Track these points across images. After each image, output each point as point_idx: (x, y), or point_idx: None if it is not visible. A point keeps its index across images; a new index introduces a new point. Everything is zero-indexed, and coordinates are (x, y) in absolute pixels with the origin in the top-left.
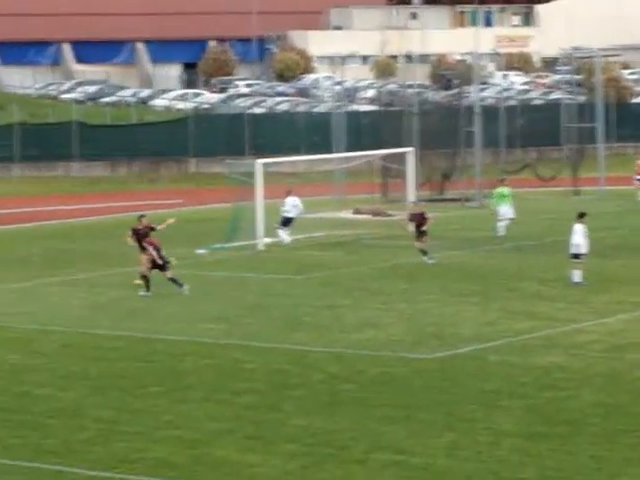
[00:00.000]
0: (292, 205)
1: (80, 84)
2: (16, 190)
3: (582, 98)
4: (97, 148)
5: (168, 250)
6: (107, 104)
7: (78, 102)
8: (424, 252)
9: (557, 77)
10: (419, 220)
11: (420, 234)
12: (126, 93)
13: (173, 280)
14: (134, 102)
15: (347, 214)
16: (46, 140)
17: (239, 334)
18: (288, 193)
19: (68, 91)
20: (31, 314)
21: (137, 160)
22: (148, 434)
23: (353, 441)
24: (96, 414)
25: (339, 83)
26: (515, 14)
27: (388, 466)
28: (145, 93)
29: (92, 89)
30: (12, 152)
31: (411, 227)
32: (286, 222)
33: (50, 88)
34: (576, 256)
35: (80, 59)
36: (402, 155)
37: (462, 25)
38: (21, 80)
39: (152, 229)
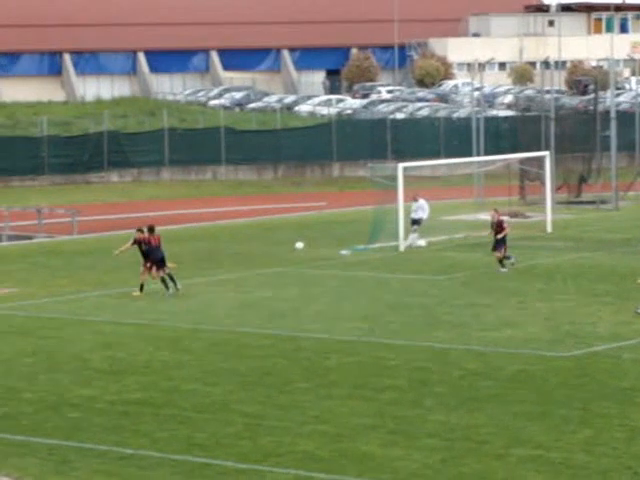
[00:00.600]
0: (419, 207)
1: (227, 90)
2: (165, 193)
3: None
4: (243, 152)
5: (313, 251)
6: (253, 110)
7: (225, 108)
8: (500, 261)
9: None
10: (497, 228)
11: (497, 242)
12: (271, 99)
13: (163, 280)
14: (279, 108)
15: (486, 216)
16: (195, 145)
17: (382, 332)
18: (415, 197)
19: (216, 97)
20: (180, 313)
21: (282, 164)
22: (294, 429)
23: (492, 436)
24: (243, 409)
25: (478, 89)
26: None
27: (527, 461)
28: (290, 99)
29: (239, 95)
30: (162, 156)
31: (491, 235)
32: (413, 223)
33: (199, 95)
34: None
35: (227, 66)
36: (540, 159)
37: (598, 32)
38: (171, 87)
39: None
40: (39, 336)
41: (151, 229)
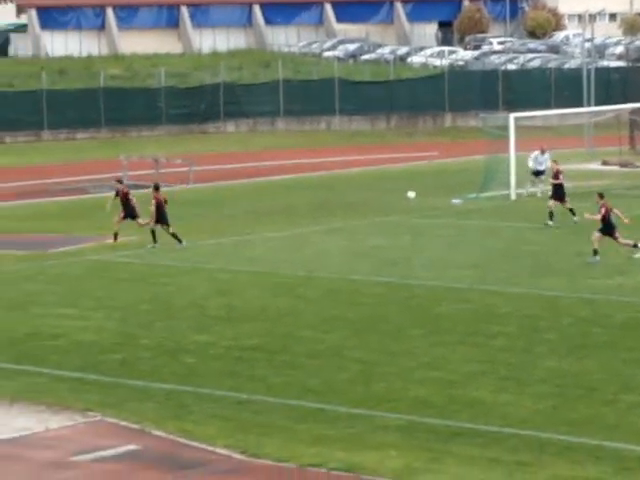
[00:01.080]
0: (544, 160)
1: (341, 42)
2: (281, 143)
3: None
4: (357, 103)
5: (425, 200)
6: (366, 61)
7: (339, 59)
8: (571, 211)
9: None
10: (554, 178)
11: (556, 191)
12: (384, 51)
13: (153, 232)
14: (392, 59)
15: (596, 165)
16: (309, 96)
17: (492, 280)
18: (542, 149)
19: (330, 49)
20: (295, 260)
21: (395, 114)
22: (406, 375)
23: (602, 382)
24: (356, 355)
25: (589, 40)
26: None
27: (636, 407)
28: (403, 50)
29: (352, 47)
30: (277, 107)
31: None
32: (537, 174)
33: (313, 46)
34: None
35: (341, 19)
36: None
37: None
38: (286, 39)
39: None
40: (157, 283)
41: (157, 188)
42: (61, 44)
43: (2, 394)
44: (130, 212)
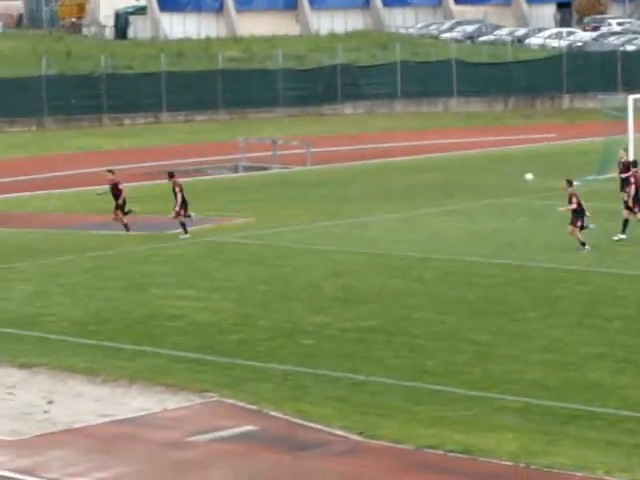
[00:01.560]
0: None
1: (459, 24)
2: (397, 125)
3: None
4: (474, 85)
5: (542, 182)
6: (484, 43)
7: (457, 41)
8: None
9: None
10: (623, 169)
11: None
12: (502, 32)
13: (183, 224)
14: (510, 40)
15: None
16: (426, 77)
17: (611, 262)
18: None
19: (447, 31)
20: (411, 242)
21: (512, 96)
22: (523, 357)
23: None
24: (473, 337)
25: None
26: None
27: None
28: (521, 32)
29: (470, 28)
30: (395, 89)
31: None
32: None
33: (431, 28)
34: None
35: (459, 0)
36: None
37: None
38: (403, 20)
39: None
40: (273, 264)
41: (171, 175)
42: (180, 26)
43: (121, 375)
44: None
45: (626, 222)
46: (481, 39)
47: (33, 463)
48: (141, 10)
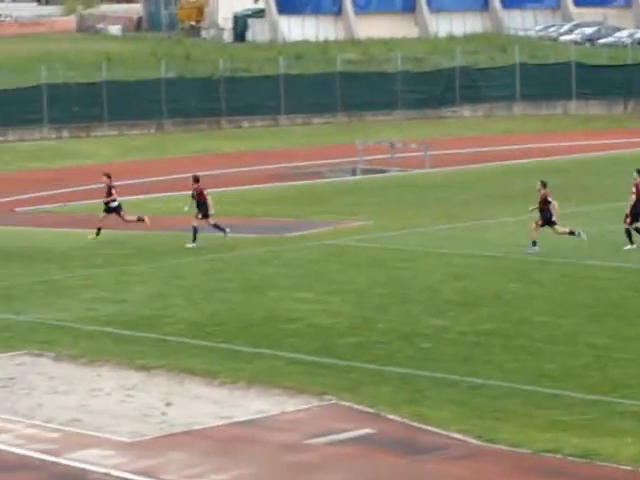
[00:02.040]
0: None
1: (578, 26)
2: (516, 127)
3: None
4: (594, 87)
5: None
6: (604, 45)
7: (576, 43)
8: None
9: None
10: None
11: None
12: (622, 34)
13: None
14: (630, 43)
15: None
16: (545, 80)
17: None
18: None
19: (567, 33)
20: (527, 246)
21: (632, 99)
22: None
23: None
24: (592, 341)
25: None
26: None
27: None
28: None
29: (589, 31)
30: (514, 91)
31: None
32: None
33: (550, 30)
34: None
35: (579, 2)
36: None
37: None
38: (522, 23)
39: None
40: (392, 267)
41: (196, 179)
42: (298, 29)
43: (239, 377)
44: (113, 206)
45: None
46: (600, 41)
47: (152, 465)
48: (259, 13)
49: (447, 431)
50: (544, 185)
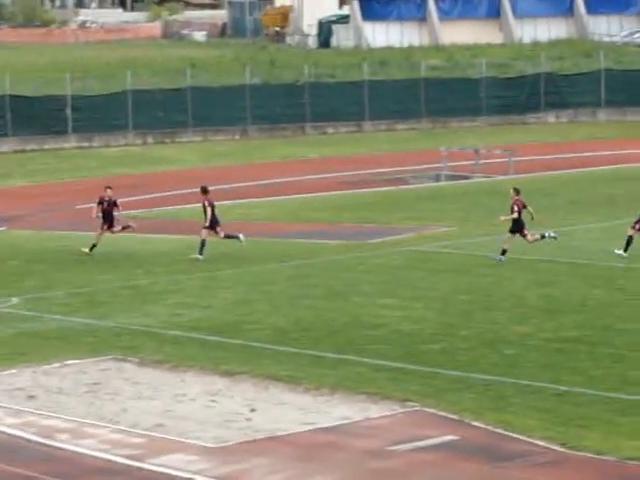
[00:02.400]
0: None
1: None
2: (601, 133)
3: None
4: None
5: None
6: None
7: None
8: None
9: None
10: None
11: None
12: None
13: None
14: None
15: None
16: (631, 86)
17: None
18: None
19: None
20: (613, 253)
21: None
22: None
23: None
24: None
25: None
26: None
27: None
28: None
29: None
30: (598, 97)
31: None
32: None
33: (635, 36)
34: None
35: None
36: None
37: None
38: (608, 29)
39: (115, 204)
40: (475, 274)
41: (204, 190)
42: (382, 35)
43: (323, 383)
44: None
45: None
46: None
47: (236, 470)
48: (344, 19)
49: (531, 438)
50: (517, 192)
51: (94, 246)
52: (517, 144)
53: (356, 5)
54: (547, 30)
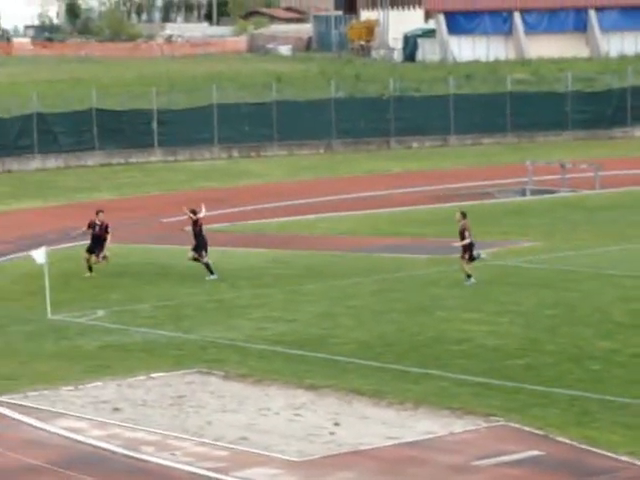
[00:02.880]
0: None
1: None
2: None
3: None
4: None
5: None
6: None
7: None
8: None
9: None
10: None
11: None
12: None
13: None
14: None
15: None
16: None
17: None
18: None
19: None
20: None
21: None
22: None
23: None
24: None
25: None
26: None
27: None
28: None
29: None
30: None
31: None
32: None
33: None
34: None
35: None
36: None
37: None
38: None
39: (106, 230)
40: (560, 288)
41: (195, 212)
42: (468, 49)
43: (407, 397)
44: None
45: None
46: None
47: None
48: (430, 33)
49: (616, 454)
50: (464, 216)
51: (90, 268)
52: (603, 158)
53: (442, 19)
54: (634, 44)
